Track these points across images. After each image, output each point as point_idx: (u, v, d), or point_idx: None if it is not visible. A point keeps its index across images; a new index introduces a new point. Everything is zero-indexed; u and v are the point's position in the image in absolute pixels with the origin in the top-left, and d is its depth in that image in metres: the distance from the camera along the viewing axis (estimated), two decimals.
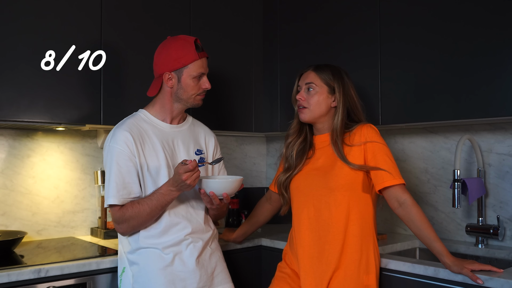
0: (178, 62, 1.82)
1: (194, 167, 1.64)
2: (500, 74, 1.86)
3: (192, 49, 1.82)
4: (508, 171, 2.14)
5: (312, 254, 1.81)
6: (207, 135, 2.03)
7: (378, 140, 1.82)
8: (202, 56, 1.86)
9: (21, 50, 1.96)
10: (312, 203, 1.84)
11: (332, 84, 1.88)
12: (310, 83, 1.89)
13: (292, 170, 1.93)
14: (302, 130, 1.98)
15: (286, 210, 1.99)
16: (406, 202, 1.75)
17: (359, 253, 1.77)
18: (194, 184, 1.67)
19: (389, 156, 1.81)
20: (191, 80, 1.84)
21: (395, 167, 1.79)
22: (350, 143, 1.83)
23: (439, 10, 2.03)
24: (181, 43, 1.84)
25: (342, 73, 1.92)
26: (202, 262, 1.82)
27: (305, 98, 1.89)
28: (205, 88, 1.88)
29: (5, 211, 2.24)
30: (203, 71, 1.86)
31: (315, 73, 1.90)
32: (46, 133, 2.37)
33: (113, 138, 1.80)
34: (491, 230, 2.11)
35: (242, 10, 2.71)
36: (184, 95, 1.86)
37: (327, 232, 1.79)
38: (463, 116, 1.97)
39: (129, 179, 1.76)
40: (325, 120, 1.91)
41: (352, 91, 1.90)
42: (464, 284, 1.65)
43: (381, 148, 1.81)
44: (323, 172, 1.84)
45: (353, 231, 1.78)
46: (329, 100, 1.88)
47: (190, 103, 1.88)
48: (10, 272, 1.68)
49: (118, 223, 1.76)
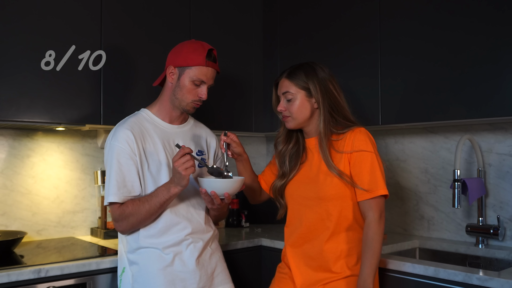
0: (184, 60, 1.82)
1: (185, 152, 1.64)
2: (500, 74, 1.86)
3: (203, 55, 1.81)
4: (508, 171, 2.14)
5: (306, 260, 1.80)
6: (208, 136, 2.03)
7: (365, 148, 1.72)
8: (210, 65, 1.82)
9: (21, 50, 1.96)
10: (304, 211, 1.83)
11: (307, 86, 1.80)
12: (286, 92, 1.82)
13: (287, 176, 1.89)
14: (292, 135, 1.93)
15: (283, 214, 1.95)
16: (368, 219, 1.71)
17: (356, 257, 1.76)
18: (185, 173, 1.64)
19: (374, 163, 1.71)
20: (188, 82, 1.82)
21: (373, 178, 1.70)
22: (339, 149, 1.76)
23: (440, 10, 2.04)
24: (196, 45, 1.84)
25: (317, 69, 1.81)
26: (202, 262, 1.82)
27: (286, 108, 1.83)
28: (200, 97, 1.85)
29: (5, 211, 2.24)
30: (204, 79, 1.82)
31: (288, 81, 1.82)
32: (46, 133, 2.37)
33: (114, 136, 1.79)
34: (491, 230, 2.11)
35: (242, 9, 2.71)
36: (179, 94, 1.84)
37: (321, 239, 1.78)
38: (463, 116, 1.97)
39: (130, 177, 1.76)
40: (311, 123, 1.84)
41: (330, 86, 1.80)
42: (464, 284, 1.65)
43: (364, 158, 1.71)
44: (314, 180, 1.80)
45: (349, 238, 1.76)
46: (309, 103, 1.81)
47: (183, 106, 1.86)
48: (10, 272, 1.68)
49: (117, 221, 1.76)
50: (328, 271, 1.75)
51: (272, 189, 1.95)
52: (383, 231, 1.71)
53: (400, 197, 2.50)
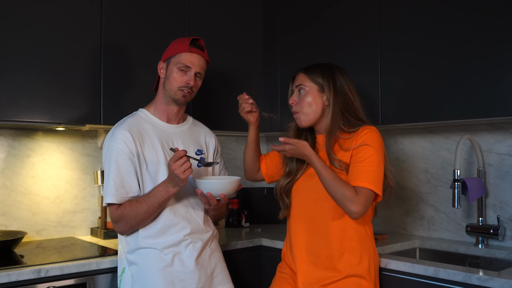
0: (170, 52, 1.87)
1: (181, 155, 1.64)
2: (500, 74, 1.86)
3: (186, 43, 1.85)
4: (508, 171, 2.14)
5: (309, 258, 1.80)
6: (207, 136, 2.03)
7: (369, 143, 1.72)
8: (194, 51, 1.84)
9: (21, 50, 1.96)
10: (309, 206, 1.83)
11: (321, 82, 1.82)
12: (300, 85, 1.85)
13: (294, 175, 1.89)
14: (301, 132, 1.94)
15: (285, 214, 1.95)
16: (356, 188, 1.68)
17: (359, 257, 1.75)
18: (183, 176, 1.64)
19: (373, 159, 1.70)
20: (174, 70, 1.84)
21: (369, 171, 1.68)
22: (347, 146, 1.76)
23: (440, 11, 2.04)
24: (182, 39, 1.89)
25: (334, 70, 1.84)
26: (201, 262, 1.82)
27: (296, 101, 1.85)
28: (187, 82, 1.84)
29: (5, 211, 2.24)
30: (189, 64, 1.83)
31: (304, 74, 1.85)
32: (46, 133, 2.37)
33: (112, 137, 1.80)
34: (491, 230, 2.11)
35: (242, 7, 2.71)
36: (168, 85, 1.86)
37: (324, 236, 1.78)
38: (463, 116, 1.97)
39: (128, 178, 1.76)
40: (323, 120, 1.85)
41: (346, 88, 1.81)
42: (464, 284, 1.65)
43: (365, 150, 1.71)
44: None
45: (350, 235, 1.76)
46: (320, 99, 1.82)
47: (172, 96, 1.86)
48: (10, 272, 1.68)
49: (115, 222, 1.76)
50: (330, 269, 1.76)
51: (277, 188, 1.94)
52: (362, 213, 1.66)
53: (400, 197, 2.50)
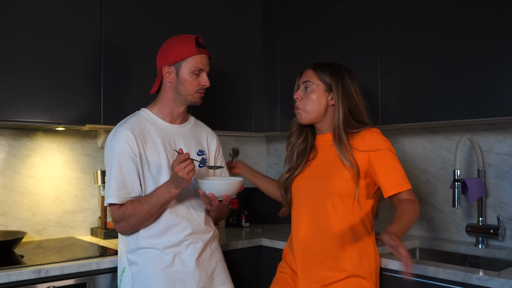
0: (177, 56, 1.82)
1: (185, 158, 1.64)
2: (500, 74, 1.86)
3: (192, 44, 1.82)
4: (508, 171, 2.14)
5: (310, 258, 1.80)
6: (209, 136, 2.03)
7: (383, 147, 1.75)
8: (202, 52, 1.84)
9: (20, 50, 1.96)
10: (311, 205, 1.83)
11: (329, 81, 1.82)
12: (307, 82, 1.85)
13: (293, 171, 1.91)
14: (303, 129, 1.95)
15: (286, 212, 1.95)
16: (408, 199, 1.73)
17: (360, 257, 1.75)
18: (187, 178, 1.64)
19: (396, 161, 1.75)
20: (188, 75, 1.83)
21: (401, 173, 1.74)
22: (356, 146, 1.77)
23: (440, 11, 2.03)
24: (182, 38, 1.86)
25: (343, 71, 1.86)
26: (202, 262, 1.82)
27: (301, 97, 1.86)
28: (203, 84, 1.86)
29: (5, 211, 2.24)
30: (201, 67, 1.84)
31: (313, 71, 1.86)
32: (46, 133, 2.37)
33: (114, 136, 1.79)
34: (491, 230, 2.11)
35: (242, 6, 2.71)
36: (183, 90, 1.84)
37: (325, 235, 1.78)
38: (463, 116, 1.97)
39: (130, 178, 1.76)
40: (325, 120, 1.86)
41: (353, 90, 1.84)
42: (464, 284, 1.65)
43: (387, 155, 1.75)
44: (323, 175, 1.81)
45: (351, 235, 1.76)
46: (325, 98, 1.83)
47: (189, 100, 1.87)
48: (10, 272, 1.68)
49: (117, 222, 1.76)
50: (331, 269, 1.75)
51: (280, 181, 1.96)
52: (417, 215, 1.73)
53: None
